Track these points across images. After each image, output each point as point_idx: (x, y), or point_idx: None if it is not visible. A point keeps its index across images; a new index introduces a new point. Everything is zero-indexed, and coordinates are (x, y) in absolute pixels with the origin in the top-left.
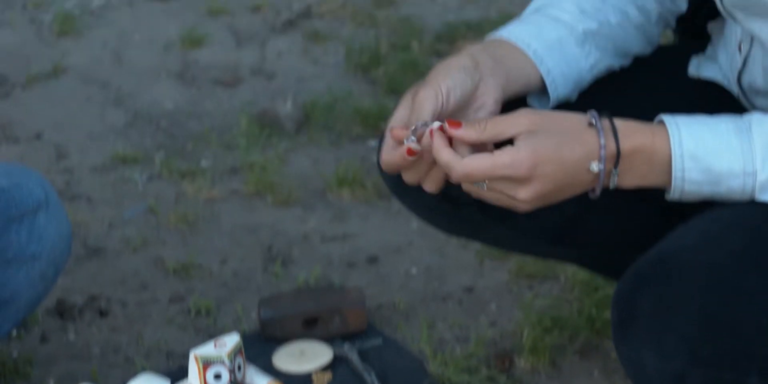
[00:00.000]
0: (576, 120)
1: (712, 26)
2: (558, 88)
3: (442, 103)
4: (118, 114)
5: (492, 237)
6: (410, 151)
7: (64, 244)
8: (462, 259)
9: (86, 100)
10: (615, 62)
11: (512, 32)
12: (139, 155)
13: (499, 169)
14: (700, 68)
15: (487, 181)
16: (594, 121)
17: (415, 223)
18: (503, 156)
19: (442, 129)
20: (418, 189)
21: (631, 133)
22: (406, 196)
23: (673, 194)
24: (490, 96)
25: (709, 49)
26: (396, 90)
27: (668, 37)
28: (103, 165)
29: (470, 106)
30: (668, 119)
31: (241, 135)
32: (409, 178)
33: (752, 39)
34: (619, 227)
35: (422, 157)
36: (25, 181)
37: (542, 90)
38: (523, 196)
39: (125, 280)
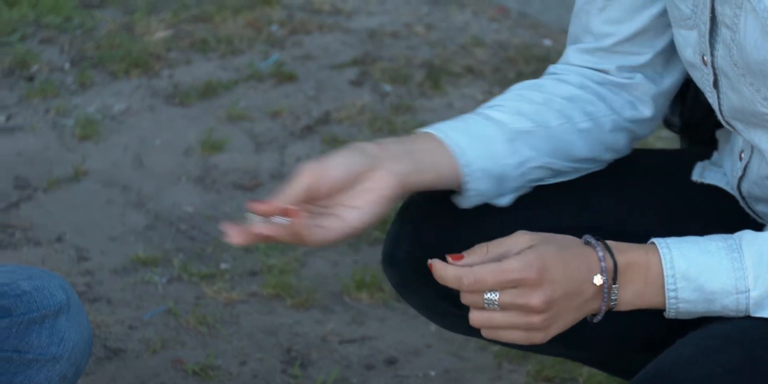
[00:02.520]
0: (571, 239)
1: (720, 133)
2: (477, 182)
3: (319, 179)
4: (139, 217)
5: None
6: (270, 230)
7: (85, 346)
8: (480, 361)
9: (107, 204)
10: (558, 164)
11: (438, 127)
12: (159, 258)
13: (509, 273)
14: (703, 174)
15: (498, 296)
16: (589, 240)
17: (433, 325)
18: (511, 261)
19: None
20: (420, 287)
21: (625, 250)
22: (409, 293)
23: (669, 313)
24: (382, 180)
25: (715, 155)
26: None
27: (667, 139)
28: (124, 267)
29: (356, 186)
30: (659, 241)
31: None
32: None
33: (752, 148)
34: (627, 331)
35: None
36: (47, 284)
37: (459, 186)
38: (536, 302)
39: (145, 381)
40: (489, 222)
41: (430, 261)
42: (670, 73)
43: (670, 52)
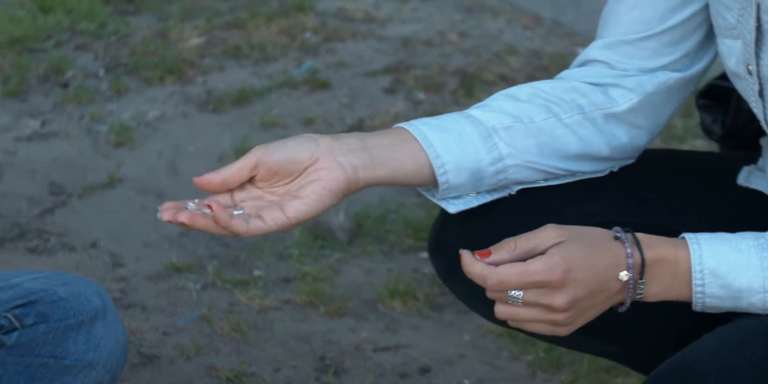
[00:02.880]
0: (601, 232)
1: (764, 141)
2: (447, 175)
3: (261, 159)
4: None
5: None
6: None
7: (120, 353)
8: (514, 370)
9: (141, 210)
10: (544, 164)
11: (410, 122)
12: (193, 264)
13: (533, 275)
14: (749, 179)
15: (522, 294)
16: (619, 234)
17: (467, 334)
18: (536, 263)
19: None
20: (466, 277)
21: (654, 244)
22: (454, 280)
23: (696, 307)
24: (329, 173)
25: (760, 161)
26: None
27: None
28: (158, 273)
29: (300, 175)
30: (689, 236)
31: (294, 245)
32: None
33: None
34: (658, 327)
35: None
36: (83, 291)
37: (428, 182)
38: (559, 302)
39: None
40: (536, 211)
41: (461, 251)
42: (696, 66)
43: (695, 53)
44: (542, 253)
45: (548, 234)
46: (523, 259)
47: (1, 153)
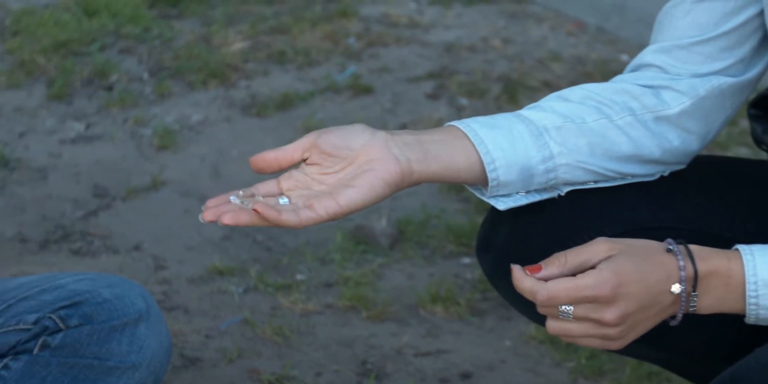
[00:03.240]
0: (653, 245)
1: None
2: (498, 171)
3: (317, 140)
4: (216, 227)
5: None
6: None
7: (164, 355)
8: (555, 377)
9: (184, 213)
10: (595, 165)
11: (462, 120)
12: (235, 268)
13: (583, 290)
14: None
15: (573, 309)
16: (671, 247)
17: (508, 340)
18: (586, 278)
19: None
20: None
21: (707, 256)
22: (501, 281)
23: (749, 319)
24: (385, 163)
25: None
26: (488, 208)
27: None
28: (201, 277)
29: (353, 164)
30: (743, 247)
31: (336, 250)
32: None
33: None
34: (710, 336)
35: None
36: (128, 293)
37: (478, 180)
38: (610, 317)
39: None
40: (585, 213)
41: (512, 266)
42: (750, 72)
43: (750, 59)
44: (593, 267)
45: (598, 248)
46: (574, 274)
47: (46, 155)
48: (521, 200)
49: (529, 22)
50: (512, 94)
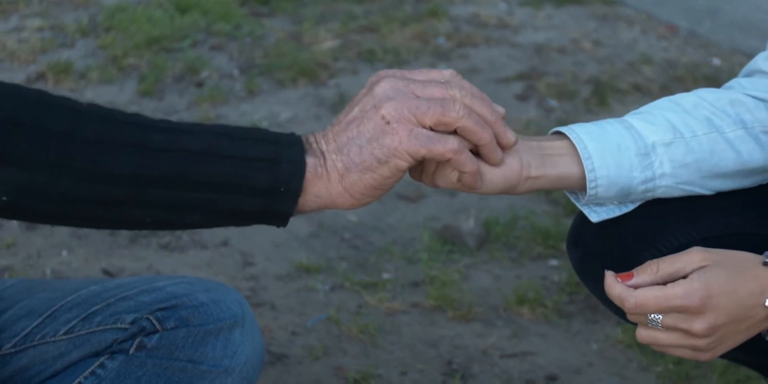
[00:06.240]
0: (749, 257)
1: None
2: (598, 188)
3: None
4: (303, 224)
5: None
6: None
7: (257, 360)
8: (642, 382)
9: None
10: (694, 186)
11: (573, 128)
12: (322, 265)
13: (672, 300)
14: None
15: (662, 318)
16: None
17: (595, 344)
18: (676, 288)
19: None
20: (600, 273)
21: None
22: (589, 277)
23: None
24: (509, 161)
25: None
26: (576, 210)
27: None
28: (288, 273)
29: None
30: None
31: (423, 249)
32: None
33: None
34: None
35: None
36: (224, 298)
37: (581, 186)
38: (698, 328)
39: None
40: (673, 216)
41: (605, 272)
42: None
43: None
44: (685, 276)
45: (692, 258)
46: (666, 282)
47: None
48: (614, 212)
49: (620, 25)
50: (602, 96)
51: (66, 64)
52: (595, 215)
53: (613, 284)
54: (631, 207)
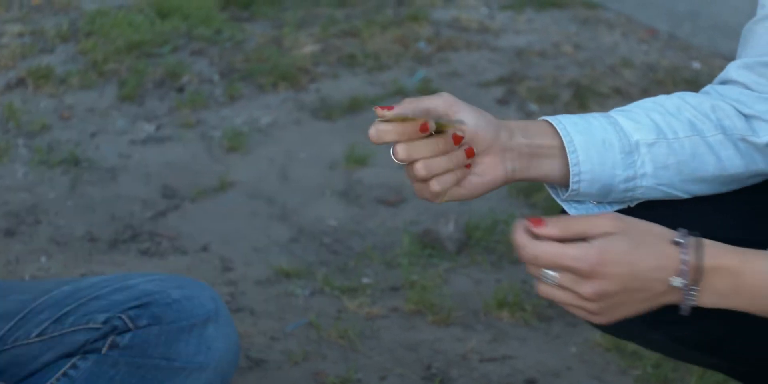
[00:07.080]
0: (662, 233)
1: None
2: (581, 183)
3: (448, 108)
4: (283, 229)
5: (645, 341)
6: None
7: (231, 356)
8: None
9: (252, 215)
10: (674, 189)
11: (560, 119)
12: (302, 270)
13: (565, 260)
14: None
15: (558, 275)
16: (679, 239)
17: (574, 347)
18: (573, 248)
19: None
20: None
21: (720, 254)
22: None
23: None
24: (493, 171)
25: None
26: (554, 213)
27: None
28: (267, 279)
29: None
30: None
31: (403, 254)
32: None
33: None
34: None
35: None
36: (197, 294)
37: (563, 183)
38: (585, 292)
39: None
40: (692, 213)
41: (518, 220)
42: None
43: None
44: (589, 238)
45: (602, 222)
46: (570, 240)
47: (117, 156)
48: (593, 210)
49: (601, 28)
50: (582, 100)
51: (46, 70)
52: (575, 211)
53: (519, 231)
54: (609, 209)
